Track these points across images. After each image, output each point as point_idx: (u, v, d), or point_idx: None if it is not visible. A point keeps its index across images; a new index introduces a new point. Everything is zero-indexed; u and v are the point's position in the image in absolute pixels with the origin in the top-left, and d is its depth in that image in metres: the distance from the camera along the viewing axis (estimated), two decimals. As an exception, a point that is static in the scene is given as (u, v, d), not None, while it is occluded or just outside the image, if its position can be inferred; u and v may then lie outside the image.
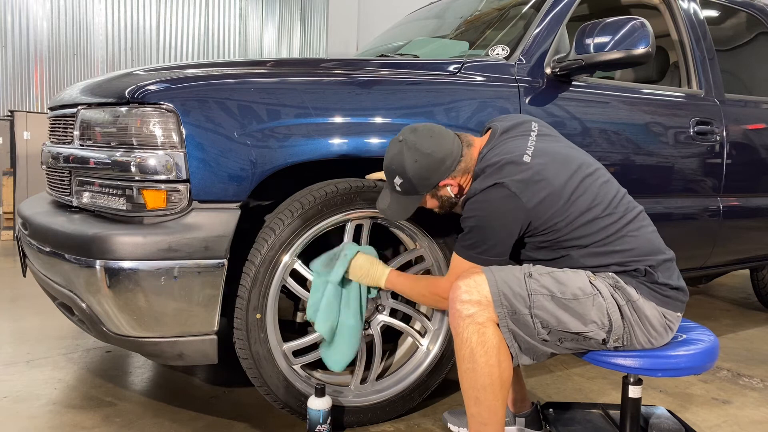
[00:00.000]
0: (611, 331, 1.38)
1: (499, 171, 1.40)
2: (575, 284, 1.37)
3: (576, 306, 1.35)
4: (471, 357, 1.36)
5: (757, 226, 2.75)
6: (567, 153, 1.48)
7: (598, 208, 1.41)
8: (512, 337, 1.38)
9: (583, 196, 1.41)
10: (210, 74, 1.63)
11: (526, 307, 1.35)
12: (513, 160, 1.40)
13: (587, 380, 2.28)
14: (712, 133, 2.43)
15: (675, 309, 1.44)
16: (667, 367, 1.41)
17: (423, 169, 1.47)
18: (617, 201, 1.45)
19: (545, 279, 1.38)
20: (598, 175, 1.47)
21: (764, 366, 2.54)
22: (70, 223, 1.61)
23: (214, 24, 8.01)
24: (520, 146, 1.44)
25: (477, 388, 1.37)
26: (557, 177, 1.39)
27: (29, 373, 2.16)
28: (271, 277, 1.62)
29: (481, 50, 2.11)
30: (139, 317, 1.51)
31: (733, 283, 4.27)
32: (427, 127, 1.52)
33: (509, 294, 1.35)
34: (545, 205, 1.38)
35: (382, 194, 1.61)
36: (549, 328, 1.37)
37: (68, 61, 7.01)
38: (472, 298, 1.35)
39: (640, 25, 1.85)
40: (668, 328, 1.43)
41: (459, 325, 1.37)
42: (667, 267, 1.45)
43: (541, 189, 1.37)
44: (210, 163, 1.51)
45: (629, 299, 1.39)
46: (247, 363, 1.65)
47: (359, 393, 1.80)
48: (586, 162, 1.48)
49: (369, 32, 6.13)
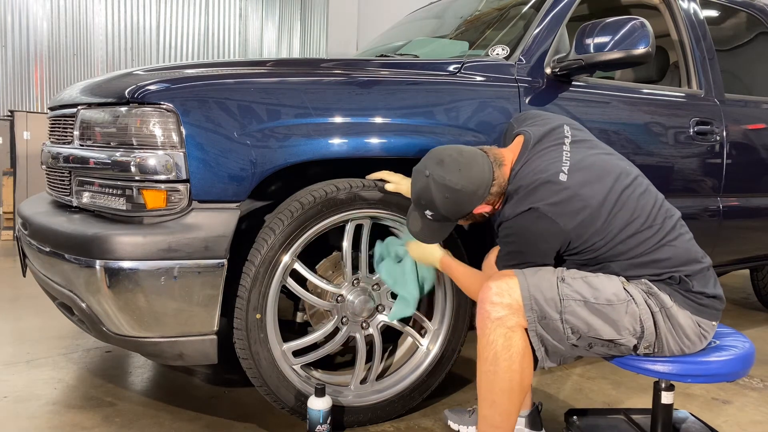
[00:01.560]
0: (643, 338, 1.35)
1: (533, 193, 1.35)
2: (609, 290, 1.34)
3: (609, 312, 1.32)
4: (494, 360, 1.34)
5: (757, 226, 2.75)
6: (604, 163, 1.42)
7: (638, 222, 1.37)
8: (539, 342, 1.35)
9: (622, 211, 1.36)
10: (210, 74, 1.63)
11: (557, 312, 1.32)
12: (549, 180, 1.35)
13: (587, 380, 2.28)
14: (712, 133, 2.43)
15: (710, 318, 1.40)
16: (699, 373, 1.37)
17: (454, 204, 1.45)
18: (656, 211, 1.40)
19: (578, 284, 1.34)
20: (636, 185, 1.41)
21: (764, 366, 2.54)
22: (70, 223, 1.61)
23: (214, 24, 8.01)
24: (554, 161, 1.38)
25: (495, 392, 1.36)
26: (595, 196, 1.35)
27: (29, 373, 2.16)
28: (271, 277, 1.62)
29: (481, 50, 2.11)
30: (139, 317, 1.51)
31: (733, 283, 4.27)
32: (454, 158, 1.44)
33: (540, 299, 1.32)
34: (584, 226, 1.34)
35: (412, 216, 1.57)
36: (579, 334, 1.34)
37: (68, 61, 7.00)
38: (503, 301, 1.33)
39: (640, 25, 1.85)
40: (702, 337, 1.39)
41: (486, 326, 1.34)
42: (704, 275, 1.40)
43: (579, 210, 1.33)
44: (210, 163, 1.51)
45: (663, 306, 1.35)
46: (247, 363, 1.65)
47: (359, 393, 1.80)
48: (624, 171, 1.42)
49: (369, 32, 6.13)
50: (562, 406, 2.03)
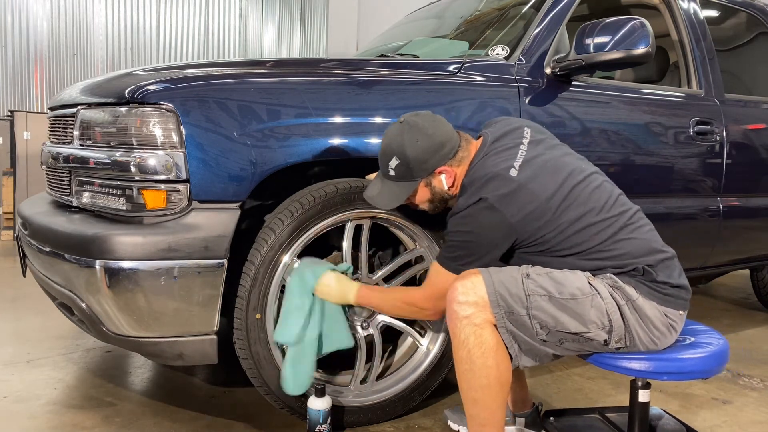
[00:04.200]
0: (612, 331, 1.37)
1: (484, 186, 1.40)
2: (573, 284, 1.37)
3: (574, 306, 1.35)
4: (468, 358, 1.36)
5: (757, 226, 2.75)
6: (557, 162, 1.46)
7: (590, 215, 1.41)
8: (511, 338, 1.37)
9: (573, 205, 1.40)
10: (210, 74, 1.63)
11: (524, 308, 1.34)
12: (499, 174, 1.40)
13: (587, 380, 2.28)
14: (712, 133, 2.43)
15: (677, 307, 1.42)
16: (674, 370, 1.39)
17: (423, 151, 1.47)
18: (610, 205, 1.44)
19: (543, 279, 1.37)
20: (590, 181, 1.45)
21: (764, 366, 2.54)
22: (70, 223, 1.61)
23: (214, 24, 8.00)
24: (508, 158, 1.44)
25: (475, 389, 1.37)
26: (544, 189, 1.39)
27: (29, 373, 2.16)
28: (271, 277, 1.62)
29: (481, 50, 2.11)
30: (138, 317, 1.51)
31: (733, 283, 4.27)
32: (428, 112, 1.55)
33: (506, 295, 1.35)
34: (531, 218, 1.38)
35: (372, 183, 1.60)
36: (548, 329, 1.36)
37: (68, 61, 7.00)
38: (468, 300, 1.35)
39: (640, 25, 1.85)
40: (671, 328, 1.42)
41: (456, 326, 1.36)
42: (667, 265, 1.43)
43: (526, 203, 1.37)
44: (210, 163, 1.51)
45: (629, 299, 1.38)
46: (247, 363, 1.65)
47: (359, 393, 1.80)
48: (577, 168, 1.47)
49: (369, 32, 6.13)
50: (562, 407, 2.03)
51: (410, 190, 1.53)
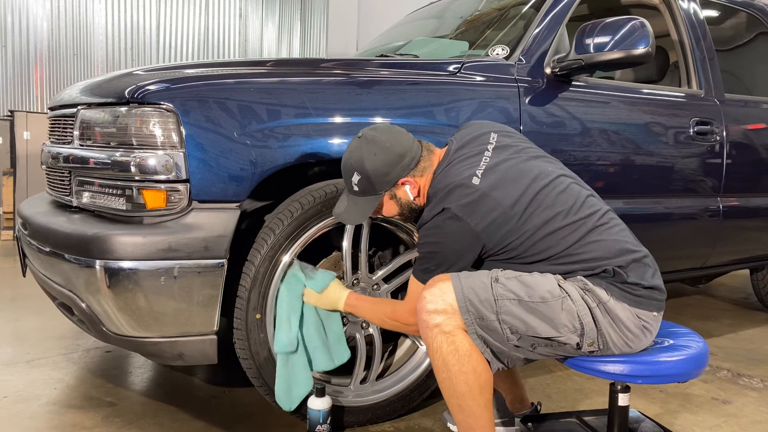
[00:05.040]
0: (584, 334, 1.34)
1: (447, 195, 1.39)
2: (543, 287, 1.34)
3: (545, 309, 1.32)
4: (445, 366, 1.35)
5: (757, 226, 2.75)
6: (522, 167, 1.44)
7: (557, 220, 1.38)
8: (483, 343, 1.36)
9: (539, 210, 1.38)
10: (210, 74, 1.63)
11: (493, 313, 1.32)
12: (461, 183, 1.39)
13: (587, 380, 2.28)
14: (712, 133, 2.43)
15: (650, 309, 1.38)
16: (650, 373, 1.35)
17: (382, 164, 1.46)
18: (577, 207, 1.40)
19: (512, 283, 1.35)
20: (555, 185, 1.42)
21: (764, 366, 2.54)
22: (70, 223, 1.61)
23: (214, 24, 8.01)
24: (471, 166, 1.42)
25: (457, 396, 1.36)
26: (507, 196, 1.37)
27: (29, 373, 2.16)
28: (271, 277, 1.62)
29: (481, 50, 2.12)
30: (138, 317, 1.51)
31: (733, 283, 4.27)
32: (387, 125, 1.56)
33: (475, 300, 1.33)
34: (496, 225, 1.36)
35: (340, 199, 1.59)
36: (519, 334, 1.34)
37: (68, 61, 7.01)
38: (437, 307, 1.33)
39: (640, 25, 1.85)
40: (645, 330, 1.38)
41: (428, 335, 1.35)
42: (639, 266, 1.39)
43: (489, 210, 1.36)
44: (210, 163, 1.51)
45: (600, 301, 1.34)
46: (247, 363, 1.65)
47: (359, 393, 1.80)
48: (543, 172, 1.44)
49: (369, 32, 6.13)
50: (562, 407, 2.03)
51: (375, 203, 1.52)
